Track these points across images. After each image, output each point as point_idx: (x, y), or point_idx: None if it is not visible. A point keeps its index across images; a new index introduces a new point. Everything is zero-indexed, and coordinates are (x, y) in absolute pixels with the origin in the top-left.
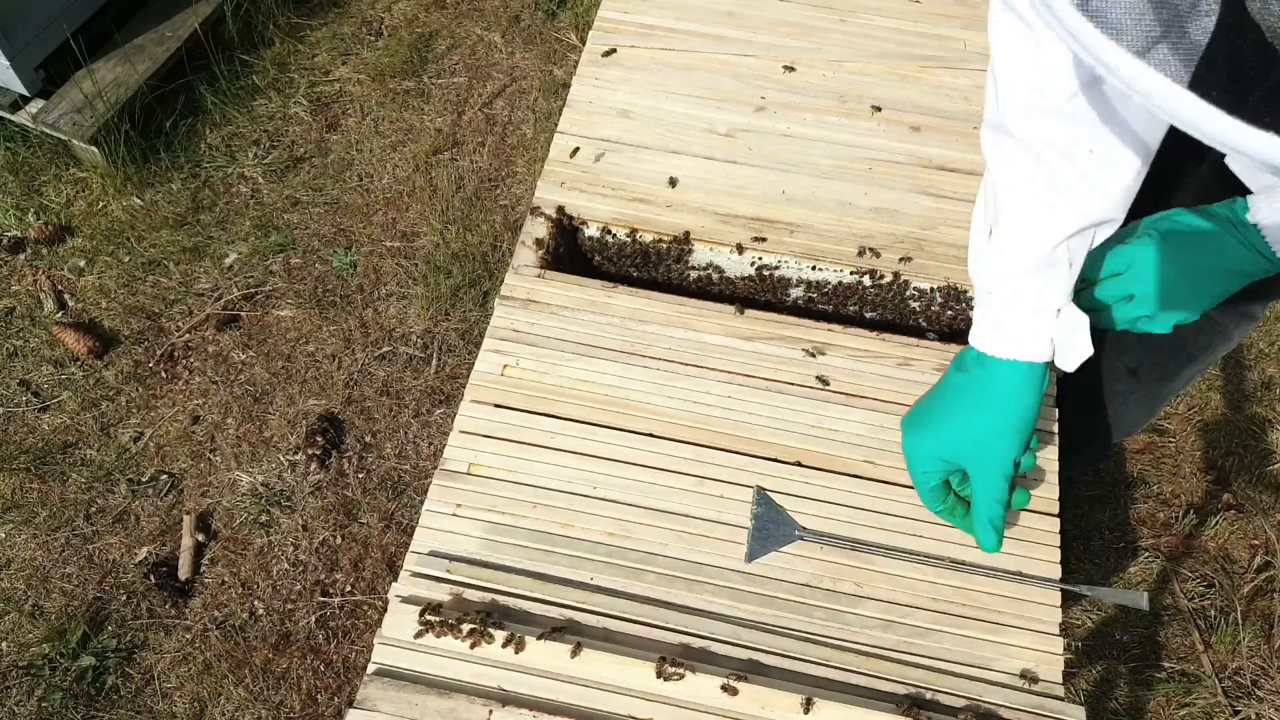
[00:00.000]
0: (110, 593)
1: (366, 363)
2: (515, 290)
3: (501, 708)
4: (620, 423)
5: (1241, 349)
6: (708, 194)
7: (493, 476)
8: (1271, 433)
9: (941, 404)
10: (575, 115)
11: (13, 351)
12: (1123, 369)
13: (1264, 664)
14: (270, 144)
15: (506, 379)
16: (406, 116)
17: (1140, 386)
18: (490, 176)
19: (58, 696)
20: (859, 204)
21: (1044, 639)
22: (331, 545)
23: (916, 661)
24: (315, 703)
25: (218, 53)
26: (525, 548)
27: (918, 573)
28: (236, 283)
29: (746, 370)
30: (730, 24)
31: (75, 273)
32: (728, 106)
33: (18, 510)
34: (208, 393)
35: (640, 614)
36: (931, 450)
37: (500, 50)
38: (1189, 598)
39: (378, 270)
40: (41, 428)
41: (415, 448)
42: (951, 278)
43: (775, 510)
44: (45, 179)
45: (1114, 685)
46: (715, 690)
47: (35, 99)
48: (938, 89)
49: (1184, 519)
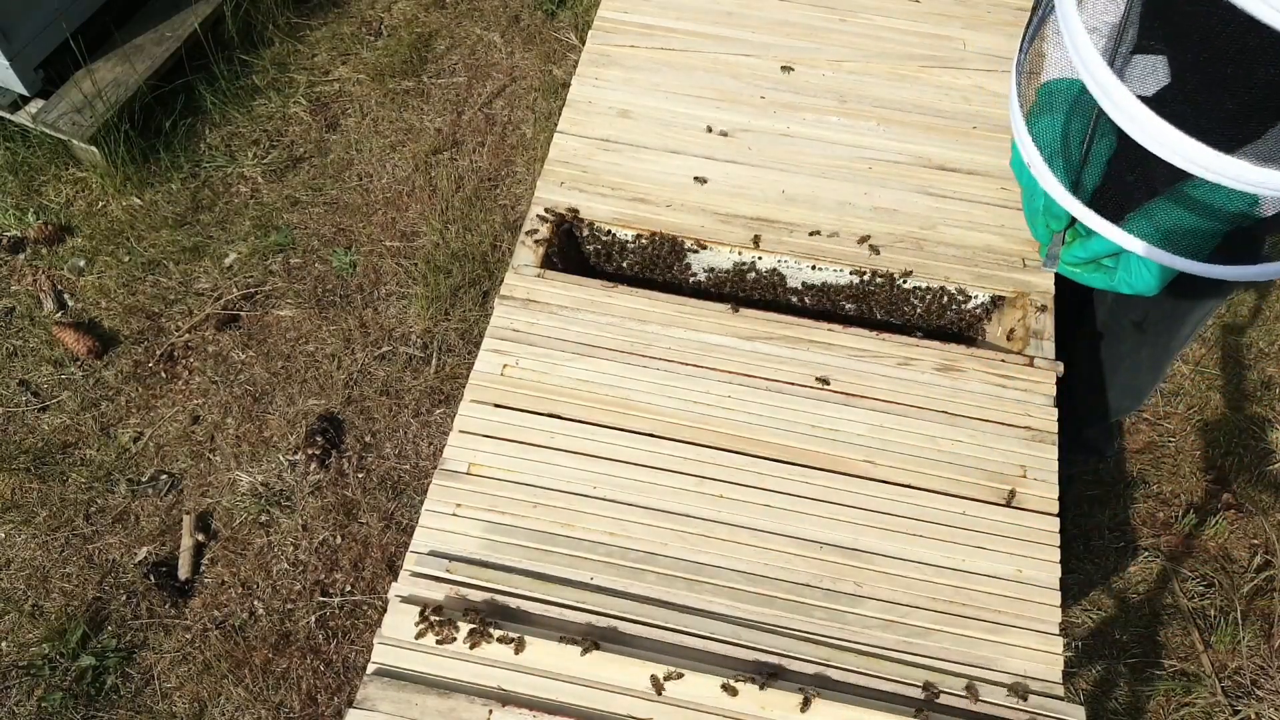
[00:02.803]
0: (110, 593)
1: (366, 363)
2: (515, 290)
3: (501, 708)
4: (620, 423)
5: (1241, 349)
6: (707, 194)
7: (492, 476)
8: (1271, 433)
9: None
10: (575, 115)
11: (12, 351)
12: (1128, 324)
13: (1264, 664)
14: (270, 144)
15: (506, 379)
16: (406, 116)
17: (1146, 342)
18: (490, 176)
19: (57, 696)
20: (859, 204)
21: (1043, 639)
22: (331, 545)
23: (916, 661)
24: (315, 703)
25: (217, 53)
26: (525, 548)
27: (918, 573)
28: (236, 283)
29: (746, 370)
30: (730, 24)
31: (75, 273)
32: (728, 106)
33: (17, 510)
34: (208, 393)
35: (640, 614)
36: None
37: (500, 50)
38: (1189, 597)
39: (378, 270)
40: (41, 428)
41: (415, 448)
42: (951, 277)
43: None
44: (45, 179)
45: (1114, 685)
46: (715, 690)
47: (35, 99)
48: (938, 89)
49: (1184, 519)
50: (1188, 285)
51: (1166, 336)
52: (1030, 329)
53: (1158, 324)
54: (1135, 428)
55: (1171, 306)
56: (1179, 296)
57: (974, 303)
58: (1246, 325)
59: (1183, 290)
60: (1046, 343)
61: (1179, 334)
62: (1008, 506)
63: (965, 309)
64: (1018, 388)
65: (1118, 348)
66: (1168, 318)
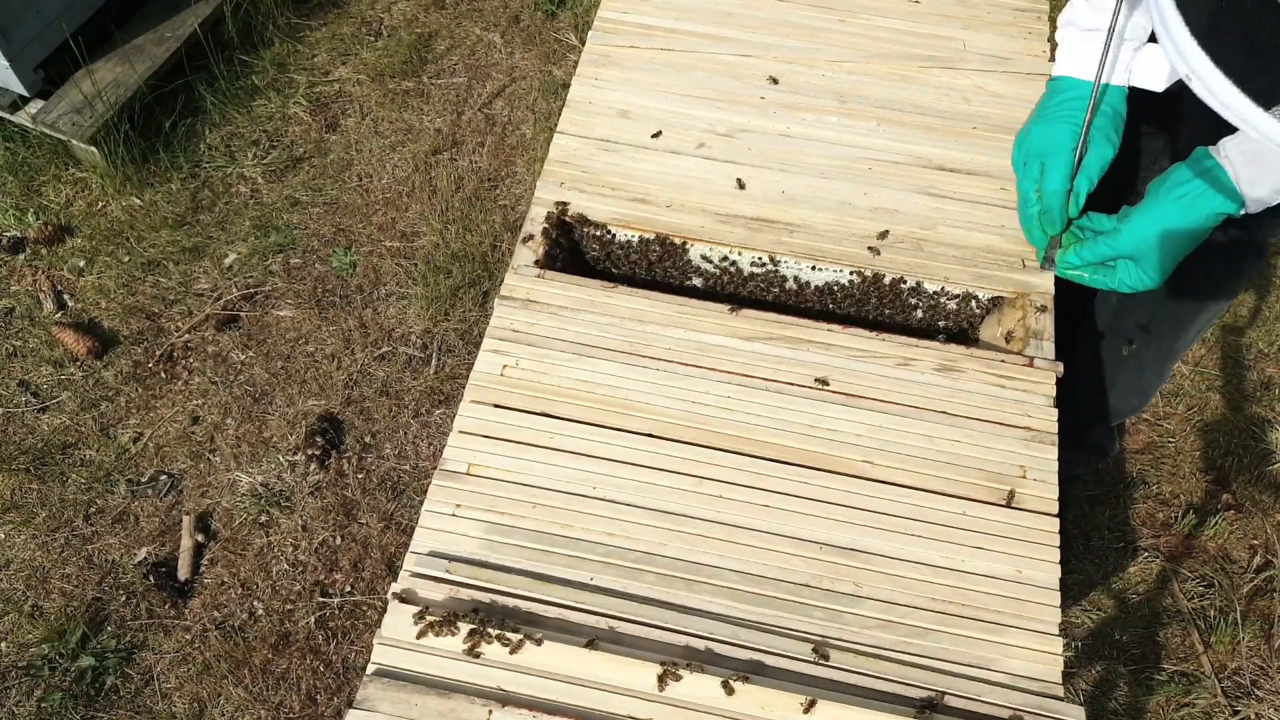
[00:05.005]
0: (110, 593)
1: (366, 363)
2: (515, 290)
3: (501, 708)
4: (620, 423)
5: (1241, 349)
6: (707, 194)
7: (492, 477)
8: (1271, 433)
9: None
10: (575, 115)
11: (12, 352)
12: (1133, 327)
13: (1264, 664)
14: (270, 144)
15: (506, 379)
16: (406, 117)
17: (1151, 344)
18: (490, 176)
19: (57, 697)
20: (859, 204)
21: (1043, 639)
22: (331, 546)
23: (916, 661)
24: (315, 703)
25: (217, 53)
26: (524, 548)
27: (917, 573)
28: (236, 283)
29: (746, 370)
30: (729, 24)
31: (75, 273)
32: (728, 106)
33: (17, 510)
34: (207, 393)
35: (640, 614)
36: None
37: (500, 50)
38: (1189, 598)
39: (377, 270)
40: (41, 428)
41: (415, 448)
42: (951, 277)
43: None
44: (45, 179)
45: (1114, 685)
46: (715, 690)
47: (35, 99)
48: (938, 89)
49: (1184, 519)
50: (1192, 288)
51: (1171, 339)
52: (1030, 329)
53: (1162, 326)
54: (1135, 428)
55: (1176, 309)
56: (1183, 300)
57: (974, 303)
58: (1246, 325)
59: (1187, 293)
60: (1046, 343)
61: (1183, 337)
62: (1007, 507)
63: (965, 309)
64: (1017, 388)
65: (1121, 350)
66: (1172, 320)
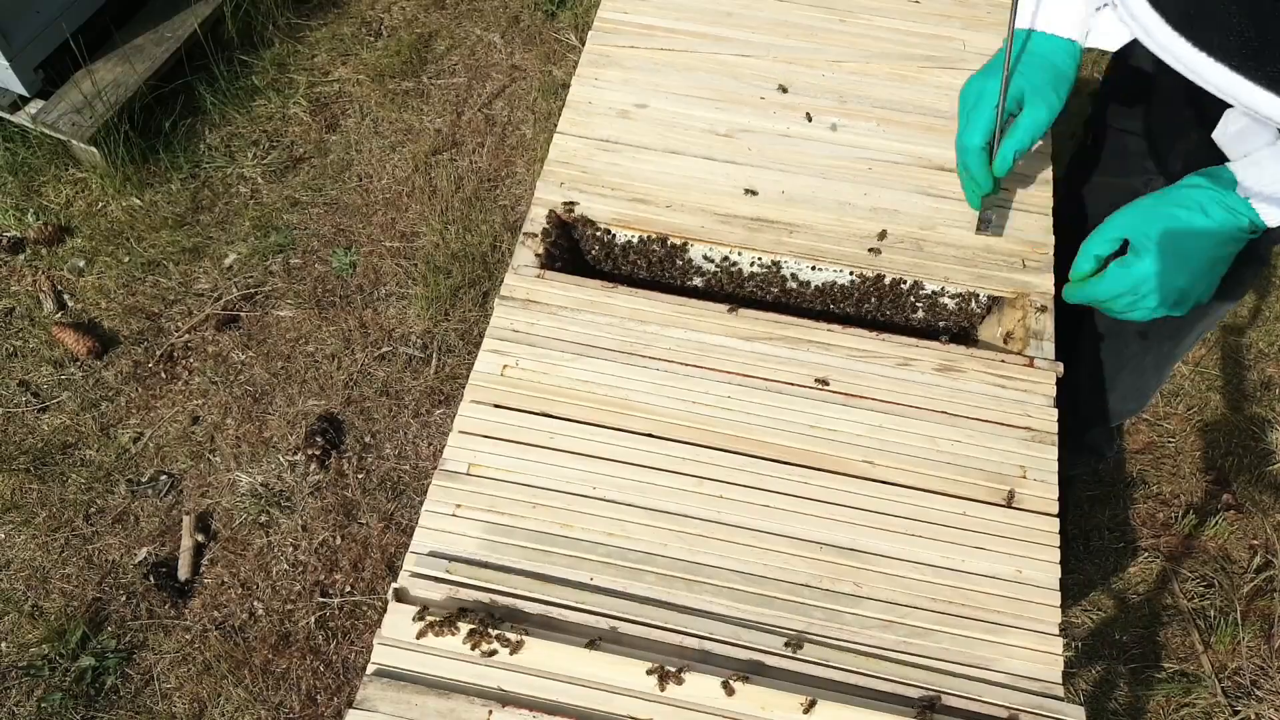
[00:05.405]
0: (110, 593)
1: (366, 363)
2: (515, 290)
3: (501, 708)
4: (620, 423)
5: (1241, 349)
6: (707, 194)
7: (492, 477)
8: (1271, 433)
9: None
10: (575, 115)
11: (12, 352)
12: (1132, 332)
13: (1264, 664)
14: (270, 144)
15: (506, 379)
16: (406, 117)
17: (1151, 348)
18: (490, 177)
19: (57, 697)
20: (859, 204)
21: (1043, 639)
22: (331, 546)
23: (916, 661)
24: (315, 703)
25: (217, 53)
26: (524, 548)
27: (917, 573)
28: (236, 283)
29: (746, 370)
30: (729, 24)
31: (75, 273)
32: (728, 106)
33: (17, 511)
34: (207, 393)
35: (640, 614)
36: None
37: (500, 51)
38: (1189, 598)
39: (377, 270)
40: (41, 428)
41: (415, 448)
42: (951, 277)
43: None
44: (45, 179)
45: (1114, 685)
46: (715, 690)
47: (35, 99)
48: (938, 89)
49: (1184, 519)
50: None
51: (1171, 343)
52: (1030, 329)
53: (1162, 330)
54: (1135, 428)
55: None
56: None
57: (974, 303)
58: (1246, 325)
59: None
60: (1046, 343)
61: (1184, 341)
62: (1007, 507)
63: (965, 309)
64: (1017, 388)
65: (1121, 352)
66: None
